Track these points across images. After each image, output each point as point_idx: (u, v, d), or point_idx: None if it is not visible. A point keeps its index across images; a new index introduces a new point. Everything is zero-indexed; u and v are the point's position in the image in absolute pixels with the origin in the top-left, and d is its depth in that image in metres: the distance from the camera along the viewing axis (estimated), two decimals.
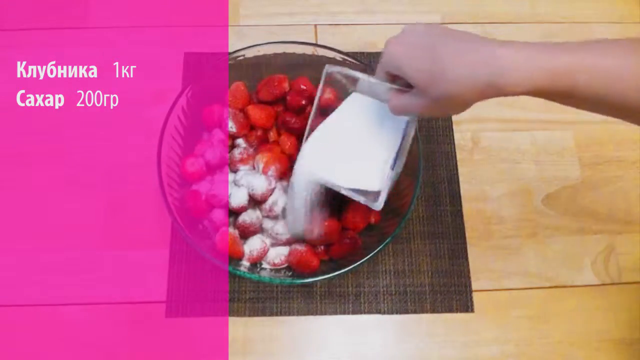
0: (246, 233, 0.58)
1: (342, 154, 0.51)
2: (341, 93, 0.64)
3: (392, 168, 0.48)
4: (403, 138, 0.49)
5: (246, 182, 0.57)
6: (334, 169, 0.51)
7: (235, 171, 0.61)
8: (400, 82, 0.44)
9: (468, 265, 0.64)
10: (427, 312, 0.62)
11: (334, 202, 0.57)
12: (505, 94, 0.39)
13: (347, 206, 0.59)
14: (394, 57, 0.42)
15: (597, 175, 0.69)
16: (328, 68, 0.51)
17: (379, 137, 0.50)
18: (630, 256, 0.65)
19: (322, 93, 0.53)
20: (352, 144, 0.51)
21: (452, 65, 0.38)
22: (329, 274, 0.54)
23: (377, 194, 0.50)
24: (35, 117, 0.69)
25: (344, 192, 0.51)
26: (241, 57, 0.63)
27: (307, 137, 0.54)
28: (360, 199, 0.51)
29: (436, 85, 0.39)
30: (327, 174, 0.51)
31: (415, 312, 0.62)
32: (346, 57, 0.62)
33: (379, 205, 0.50)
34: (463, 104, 0.41)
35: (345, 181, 0.51)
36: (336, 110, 0.53)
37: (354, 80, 0.51)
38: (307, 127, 0.54)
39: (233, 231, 0.58)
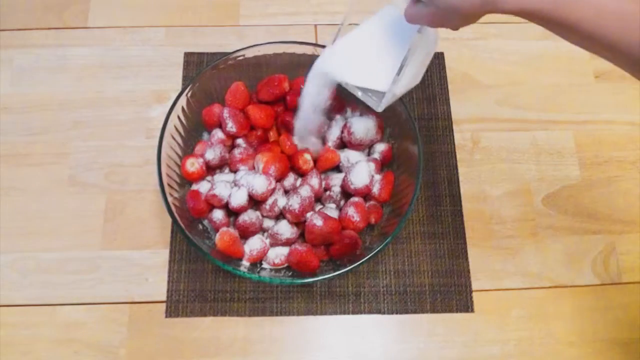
0: (246, 233, 0.58)
1: (357, 58, 0.53)
2: (344, 89, 0.64)
3: (398, 73, 0.49)
4: (411, 48, 0.50)
5: (246, 182, 0.57)
6: (347, 69, 0.54)
7: (235, 171, 0.61)
8: None
9: (468, 265, 0.64)
10: (427, 312, 0.62)
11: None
12: (504, 11, 0.40)
13: (347, 205, 0.59)
14: None
15: (597, 175, 0.69)
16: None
17: (393, 46, 0.52)
18: (630, 256, 0.65)
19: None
20: (368, 51, 0.53)
21: None
22: (329, 274, 0.54)
23: (382, 95, 0.52)
24: (35, 117, 0.69)
25: (351, 89, 0.54)
26: (241, 57, 0.63)
27: (337, 35, 0.56)
28: (367, 100, 0.53)
29: None
30: (339, 73, 0.54)
31: (415, 312, 0.62)
32: None
33: (381, 106, 0.52)
34: (467, 15, 0.42)
35: (354, 79, 0.53)
36: (364, 21, 0.54)
37: None
38: (339, 28, 0.55)
39: (233, 231, 0.58)
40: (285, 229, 0.58)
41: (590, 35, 0.39)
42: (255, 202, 0.58)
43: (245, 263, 0.58)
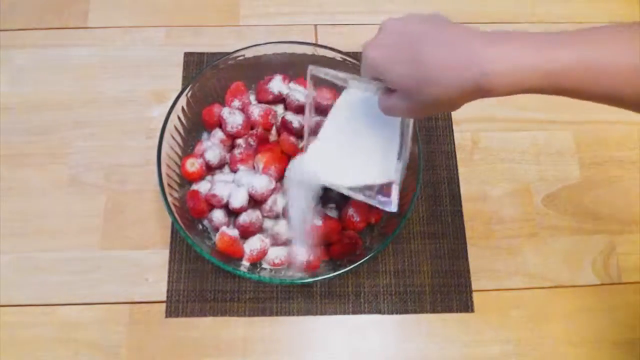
0: (246, 233, 0.58)
1: (343, 154, 0.50)
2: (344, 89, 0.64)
3: (399, 158, 0.47)
4: (403, 129, 0.47)
5: (246, 182, 0.57)
6: (338, 171, 0.50)
7: (235, 171, 0.61)
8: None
9: (468, 265, 0.64)
10: (427, 312, 0.62)
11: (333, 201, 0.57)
12: (495, 96, 0.37)
13: (347, 205, 0.59)
14: (374, 63, 0.40)
15: (597, 175, 0.69)
16: (311, 70, 0.49)
17: (379, 131, 0.49)
18: (630, 256, 0.65)
19: (313, 93, 0.52)
20: (352, 143, 0.50)
21: (435, 71, 0.37)
22: (329, 274, 0.54)
23: (386, 189, 0.48)
24: (35, 117, 0.69)
25: (351, 194, 0.50)
26: (241, 57, 0.63)
27: (306, 139, 0.53)
28: (371, 201, 0.49)
29: (421, 91, 0.38)
30: (331, 177, 0.50)
31: (415, 312, 0.62)
32: (346, 57, 0.62)
33: (393, 205, 0.48)
34: (451, 106, 0.40)
35: (350, 180, 0.49)
36: (332, 109, 0.52)
37: (342, 80, 0.49)
38: (305, 128, 0.53)
39: (233, 231, 0.58)
40: (285, 229, 0.58)
41: (591, 96, 0.37)
42: (255, 202, 0.58)
43: (245, 263, 0.58)
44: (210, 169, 0.62)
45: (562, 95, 0.38)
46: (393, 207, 0.49)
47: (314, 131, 0.54)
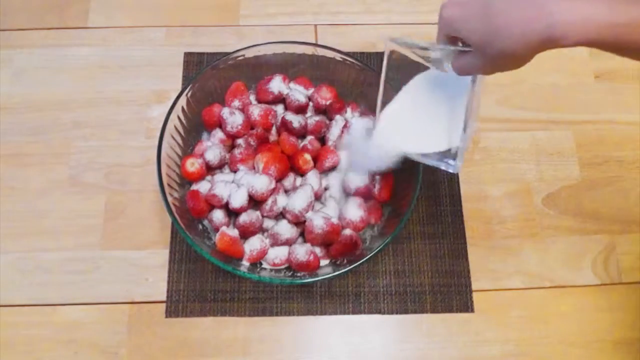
0: (246, 233, 0.58)
1: (413, 125, 0.53)
2: (344, 89, 0.64)
3: (465, 130, 0.49)
4: (469, 100, 0.50)
5: (246, 182, 0.57)
6: (408, 139, 0.53)
7: (235, 171, 0.61)
8: (462, 43, 0.45)
9: (468, 265, 0.64)
10: (427, 312, 0.62)
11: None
12: (563, 46, 0.39)
13: (347, 205, 0.59)
14: (450, 20, 0.43)
15: (597, 175, 0.69)
16: (388, 42, 0.51)
17: (446, 104, 0.52)
18: (630, 256, 0.65)
19: (385, 68, 0.53)
20: (421, 115, 0.53)
21: (505, 24, 0.39)
22: (329, 274, 0.54)
23: (452, 155, 0.51)
24: (35, 117, 0.69)
25: (419, 159, 0.53)
26: (241, 57, 0.63)
27: (378, 112, 0.55)
28: (438, 164, 0.53)
29: (492, 44, 0.40)
30: (402, 145, 0.54)
31: (415, 312, 0.62)
32: (346, 57, 0.62)
33: (457, 166, 0.51)
34: (521, 60, 0.41)
35: (419, 148, 0.53)
36: (405, 86, 0.54)
37: (422, 49, 0.50)
38: (378, 103, 0.55)
39: (233, 231, 0.58)
40: (285, 229, 0.58)
41: None
42: (255, 202, 0.58)
43: (245, 263, 0.58)
44: (210, 169, 0.62)
45: (623, 54, 0.40)
46: (457, 170, 0.52)
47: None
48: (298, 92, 0.64)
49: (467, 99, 0.48)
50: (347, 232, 0.58)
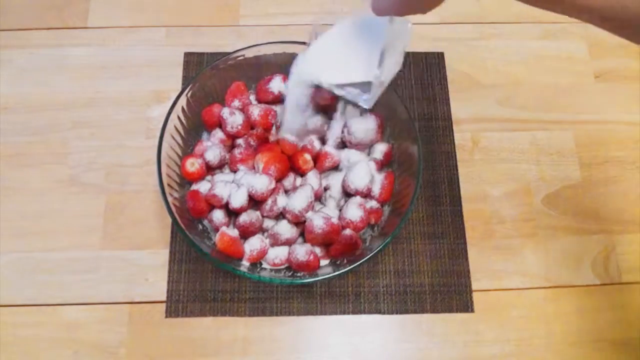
0: (246, 233, 0.58)
1: (332, 58, 0.54)
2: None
3: (379, 65, 0.50)
4: (387, 38, 0.50)
5: (246, 182, 0.57)
6: (327, 70, 0.54)
7: (235, 171, 0.61)
8: None
9: (468, 265, 0.64)
10: (427, 312, 0.62)
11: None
12: None
13: (347, 205, 0.59)
14: None
15: (597, 175, 0.69)
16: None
17: (368, 41, 0.53)
18: (630, 256, 0.65)
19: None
20: (343, 50, 0.54)
21: None
22: (329, 274, 0.54)
23: (367, 89, 0.52)
24: (35, 117, 0.69)
25: (335, 90, 0.54)
26: (241, 57, 0.63)
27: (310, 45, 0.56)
28: (353, 98, 0.53)
29: None
30: (318, 75, 0.54)
31: (415, 312, 0.62)
32: None
33: (370, 99, 0.52)
34: (432, 1, 0.41)
35: (335, 78, 0.54)
36: (333, 27, 0.55)
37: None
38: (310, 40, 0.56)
39: (233, 231, 0.58)
40: (285, 229, 0.58)
41: (586, 9, 0.37)
42: (255, 202, 0.58)
43: (245, 263, 0.58)
44: (210, 169, 0.62)
45: (554, 5, 0.39)
46: (368, 105, 0.53)
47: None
48: None
49: (382, 37, 0.49)
50: (347, 232, 0.58)
